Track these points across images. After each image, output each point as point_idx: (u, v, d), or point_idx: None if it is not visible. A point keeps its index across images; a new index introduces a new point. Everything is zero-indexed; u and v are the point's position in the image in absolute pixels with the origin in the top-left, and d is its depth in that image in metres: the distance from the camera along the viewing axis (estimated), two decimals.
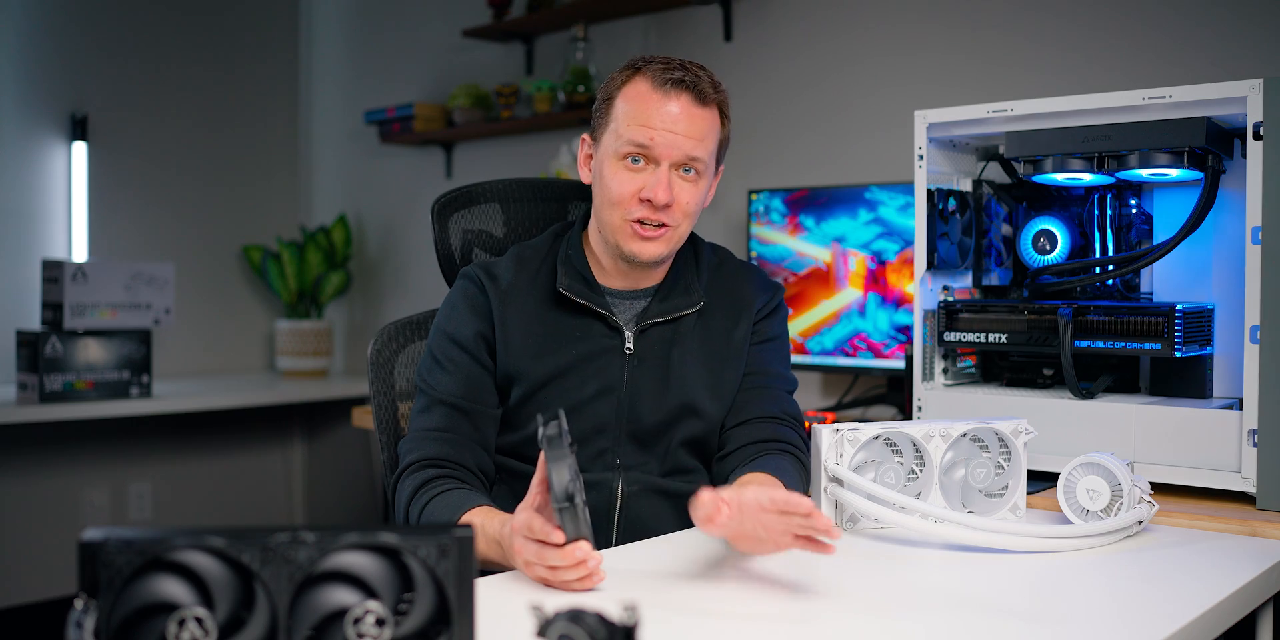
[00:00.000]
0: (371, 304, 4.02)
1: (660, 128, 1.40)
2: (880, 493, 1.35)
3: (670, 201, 1.42)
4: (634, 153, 1.42)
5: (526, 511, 1.14)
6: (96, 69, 3.64)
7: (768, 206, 2.58)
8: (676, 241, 1.47)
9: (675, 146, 1.41)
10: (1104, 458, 1.39)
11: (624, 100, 1.44)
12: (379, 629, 0.79)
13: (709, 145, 1.44)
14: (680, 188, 1.43)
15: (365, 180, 4.02)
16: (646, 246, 1.45)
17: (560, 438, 1.08)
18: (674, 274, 1.54)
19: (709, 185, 1.49)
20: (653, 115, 1.41)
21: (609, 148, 1.45)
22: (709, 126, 1.44)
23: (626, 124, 1.42)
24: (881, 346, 2.40)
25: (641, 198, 1.42)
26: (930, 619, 1.08)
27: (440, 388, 1.47)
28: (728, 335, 1.54)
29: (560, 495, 1.06)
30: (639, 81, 1.43)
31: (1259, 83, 1.47)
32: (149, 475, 3.71)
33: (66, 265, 3.00)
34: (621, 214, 1.44)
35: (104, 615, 0.75)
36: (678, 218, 1.44)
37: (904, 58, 2.64)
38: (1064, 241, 1.77)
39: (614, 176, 1.43)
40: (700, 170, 1.44)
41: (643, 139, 1.41)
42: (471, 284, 1.52)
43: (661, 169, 1.41)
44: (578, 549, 1.10)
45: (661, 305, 1.51)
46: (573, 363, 1.47)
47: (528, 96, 3.32)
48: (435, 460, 1.42)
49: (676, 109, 1.41)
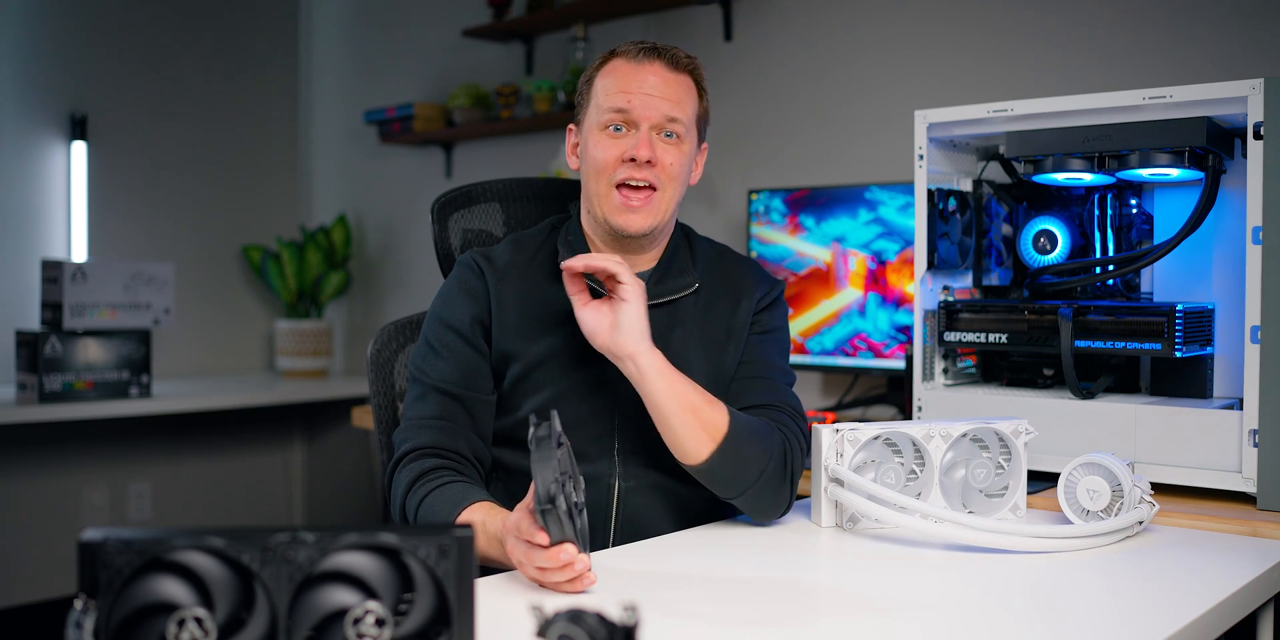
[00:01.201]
0: (371, 304, 4.02)
1: (637, 92, 1.44)
2: (880, 493, 1.35)
3: (653, 159, 1.43)
4: (614, 120, 1.45)
5: (520, 511, 1.15)
6: (96, 69, 3.64)
7: (768, 206, 2.58)
8: (664, 211, 1.47)
9: (653, 107, 1.44)
10: (1104, 458, 1.39)
11: (601, 77, 1.48)
12: (379, 629, 0.79)
13: (687, 109, 1.46)
14: (662, 149, 1.45)
15: (365, 180, 4.02)
16: (633, 218, 1.45)
17: (549, 439, 1.07)
18: (668, 258, 1.54)
19: (692, 152, 1.50)
20: (629, 81, 1.45)
21: (591, 122, 1.48)
22: (685, 91, 1.47)
23: (605, 95, 1.46)
24: (881, 346, 2.40)
25: (624, 159, 1.44)
26: (930, 619, 1.08)
27: (435, 375, 1.47)
28: (727, 320, 1.53)
29: (542, 497, 1.06)
30: (614, 61, 1.48)
31: (1259, 82, 1.47)
32: (149, 475, 3.71)
33: (66, 265, 3.00)
34: (607, 180, 1.45)
35: (104, 615, 0.75)
36: (663, 179, 1.45)
37: (904, 57, 2.64)
38: (1064, 241, 1.77)
39: (598, 145, 1.46)
40: (680, 134, 1.46)
41: (621, 103, 1.44)
42: (467, 269, 1.52)
43: (642, 130, 1.44)
44: (562, 551, 1.09)
45: (658, 288, 1.51)
46: (569, 342, 1.47)
47: (528, 96, 3.32)
48: (432, 449, 1.42)
49: (652, 76, 1.45)
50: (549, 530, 1.08)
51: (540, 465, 1.06)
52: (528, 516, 1.12)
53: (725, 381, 1.51)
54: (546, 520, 1.07)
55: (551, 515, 1.07)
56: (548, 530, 1.08)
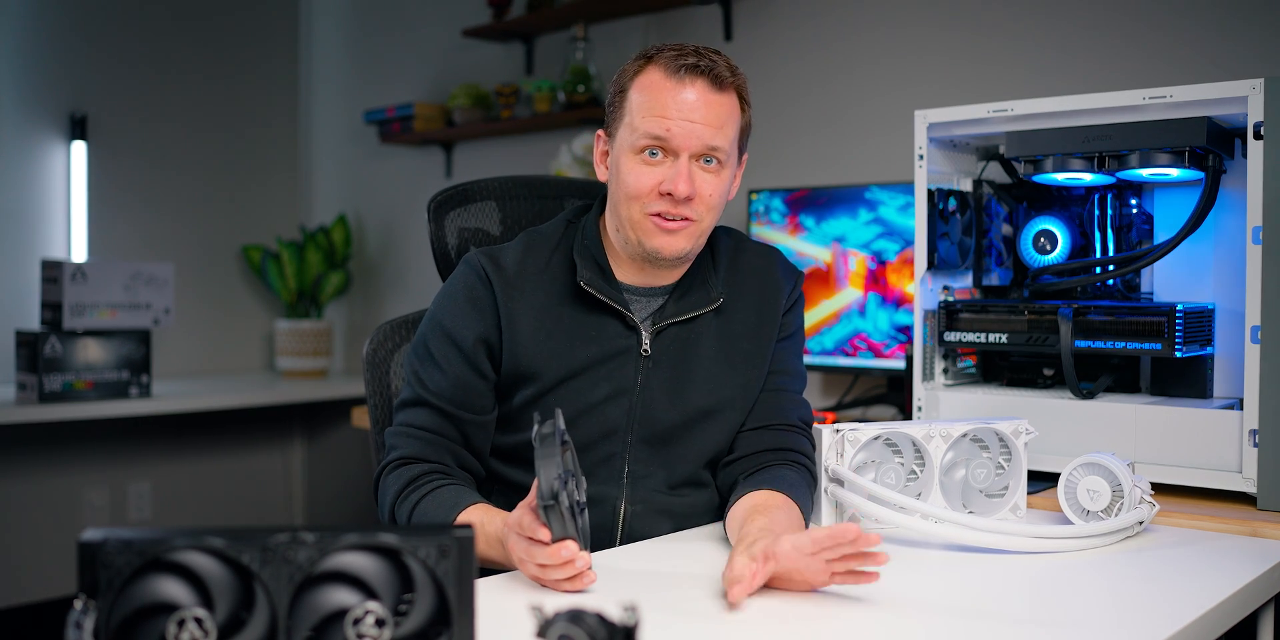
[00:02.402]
0: (371, 304, 4.02)
1: (677, 117, 1.33)
2: (880, 493, 1.35)
3: (692, 194, 1.34)
4: (651, 146, 1.35)
5: (522, 508, 1.14)
6: (96, 69, 3.64)
7: (768, 206, 2.58)
8: (701, 235, 1.39)
9: (694, 136, 1.33)
10: (1104, 458, 1.39)
11: (637, 91, 1.37)
12: (379, 629, 0.79)
13: (729, 133, 1.36)
14: (702, 179, 1.36)
15: (365, 180, 4.02)
16: (670, 241, 1.37)
17: (553, 436, 1.07)
18: (692, 270, 1.46)
19: (732, 175, 1.41)
20: (668, 104, 1.33)
21: (625, 142, 1.37)
22: (728, 113, 1.36)
23: (641, 116, 1.35)
24: (881, 346, 2.40)
25: (661, 191, 1.35)
26: (930, 619, 1.08)
27: (431, 386, 1.41)
28: (752, 333, 1.47)
29: (545, 493, 1.06)
30: (651, 71, 1.36)
31: (1259, 82, 1.47)
32: (149, 475, 3.71)
33: (66, 265, 3.00)
34: (640, 208, 1.36)
35: (103, 615, 0.75)
36: (700, 211, 1.37)
37: (904, 57, 2.64)
38: (1064, 241, 1.76)
39: (631, 171, 1.36)
40: (722, 160, 1.37)
41: (659, 130, 1.33)
42: (474, 274, 1.43)
43: (681, 161, 1.34)
44: (564, 548, 1.09)
45: (679, 304, 1.44)
46: (586, 364, 1.41)
47: (528, 96, 3.32)
48: (418, 459, 1.40)
49: (693, 96, 1.34)
50: (551, 527, 1.08)
51: (544, 462, 1.06)
52: (530, 513, 1.12)
53: (748, 400, 1.47)
54: (549, 516, 1.07)
55: (554, 511, 1.07)
56: (550, 526, 1.08)
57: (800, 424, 1.48)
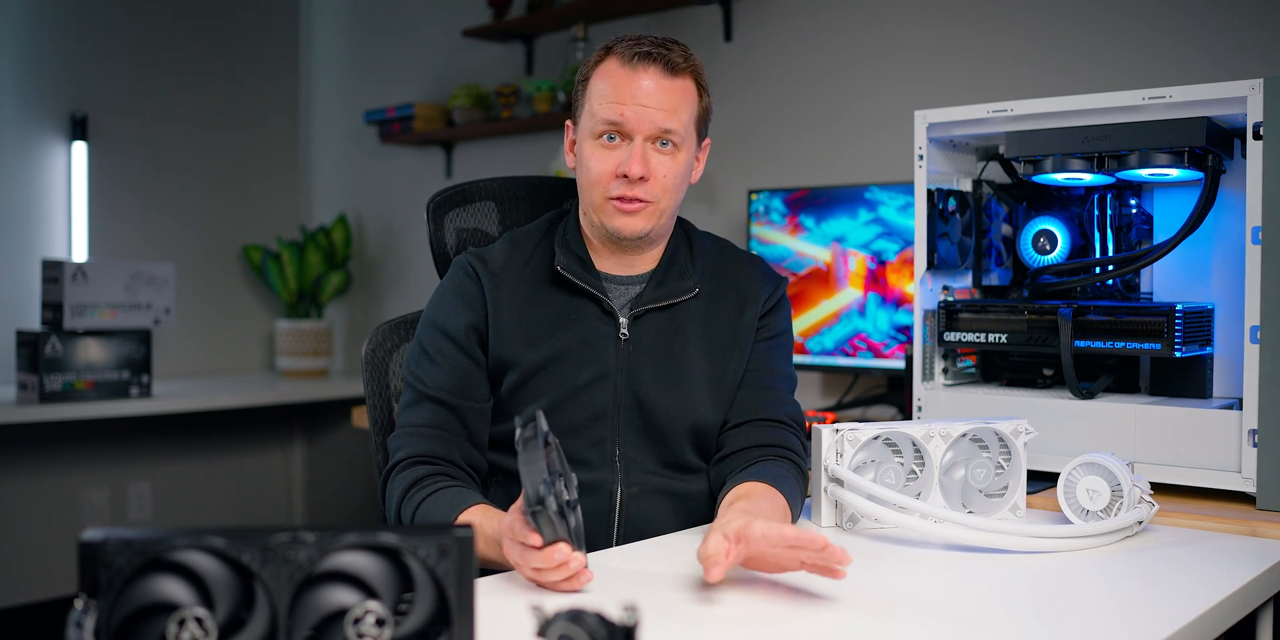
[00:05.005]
0: (371, 304, 4.02)
1: (631, 102, 1.41)
2: (880, 493, 1.35)
3: (646, 174, 1.41)
4: (608, 130, 1.42)
5: (514, 512, 1.15)
6: (96, 69, 3.64)
7: (768, 206, 2.58)
8: (660, 216, 1.45)
9: (647, 119, 1.41)
10: (1104, 458, 1.39)
11: (596, 80, 1.45)
12: (379, 629, 0.79)
13: (683, 116, 1.43)
14: (657, 161, 1.42)
15: (365, 180, 4.02)
16: (628, 221, 1.44)
17: (535, 439, 1.07)
18: (667, 259, 1.53)
19: (690, 158, 1.47)
20: (623, 91, 1.41)
21: (586, 129, 1.45)
22: (681, 97, 1.43)
23: (599, 103, 1.43)
24: (881, 346, 2.40)
25: (618, 173, 1.42)
26: (930, 619, 1.08)
27: (429, 382, 1.45)
28: (732, 325, 1.52)
29: (531, 498, 1.06)
30: (610, 60, 1.44)
31: (1259, 83, 1.47)
32: (149, 475, 3.71)
33: (66, 265, 3.00)
34: (602, 192, 1.44)
35: (104, 615, 0.75)
36: (656, 192, 1.43)
37: (904, 57, 2.64)
38: (1064, 241, 1.77)
39: (591, 155, 1.44)
40: (677, 142, 1.43)
41: (614, 116, 1.41)
42: (463, 272, 1.50)
43: (636, 143, 1.41)
44: (556, 551, 1.09)
45: (656, 291, 1.49)
46: (567, 347, 1.46)
47: (528, 96, 3.32)
48: (425, 457, 1.41)
49: (647, 82, 1.41)
50: (541, 531, 1.09)
51: (528, 467, 1.06)
52: (520, 519, 1.12)
53: (729, 388, 1.50)
54: (538, 521, 1.08)
55: (542, 516, 1.07)
56: (540, 531, 1.09)
57: (788, 420, 1.50)
